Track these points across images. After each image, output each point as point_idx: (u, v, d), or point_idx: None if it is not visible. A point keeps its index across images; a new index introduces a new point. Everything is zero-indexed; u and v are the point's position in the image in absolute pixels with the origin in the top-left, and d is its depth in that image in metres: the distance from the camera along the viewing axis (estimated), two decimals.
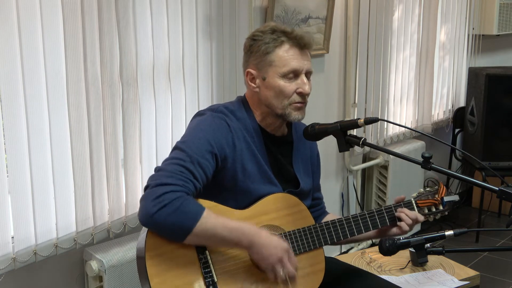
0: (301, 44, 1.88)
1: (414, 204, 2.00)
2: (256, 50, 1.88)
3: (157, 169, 1.74)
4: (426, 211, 2.02)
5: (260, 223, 1.85)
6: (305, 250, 1.89)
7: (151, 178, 1.71)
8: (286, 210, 1.90)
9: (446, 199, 2.03)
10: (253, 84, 1.90)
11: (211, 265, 1.74)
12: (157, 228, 1.68)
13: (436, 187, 2.06)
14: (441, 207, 2.04)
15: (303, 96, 1.88)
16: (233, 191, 1.85)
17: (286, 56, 1.86)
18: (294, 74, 1.87)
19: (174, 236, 1.69)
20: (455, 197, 2.06)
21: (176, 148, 1.80)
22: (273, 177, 1.92)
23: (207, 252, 1.74)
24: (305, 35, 1.89)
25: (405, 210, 1.97)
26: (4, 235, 2.07)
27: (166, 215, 1.63)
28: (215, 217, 1.70)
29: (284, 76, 1.86)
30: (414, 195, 2.05)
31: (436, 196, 2.04)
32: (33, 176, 2.12)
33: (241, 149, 1.85)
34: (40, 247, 2.18)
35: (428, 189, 2.06)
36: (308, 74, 1.90)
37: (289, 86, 1.86)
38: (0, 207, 2.04)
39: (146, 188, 1.70)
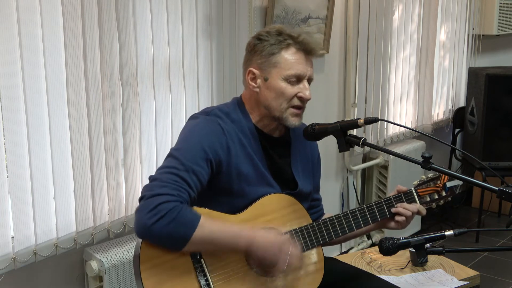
0: (307, 50, 1.88)
1: (415, 194, 1.98)
2: (260, 50, 1.87)
3: (152, 179, 1.73)
4: (428, 199, 1.99)
5: (256, 226, 1.83)
6: (303, 249, 1.88)
7: (146, 188, 1.70)
8: (282, 211, 1.89)
9: (448, 184, 1.98)
10: (253, 84, 1.89)
11: (208, 274, 1.74)
12: (155, 239, 1.67)
13: (438, 173, 1.99)
14: (443, 193, 2.00)
15: (303, 101, 1.88)
16: (229, 195, 1.84)
17: (291, 59, 1.85)
18: (297, 79, 1.86)
19: (172, 246, 1.68)
20: (458, 182, 2.00)
21: (170, 156, 1.78)
22: (271, 179, 1.91)
23: (202, 260, 1.74)
24: (311, 41, 1.89)
25: (404, 204, 1.95)
26: (4, 235, 2.07)
27: (162, 226, 1.63)
28: (211, 224, 1.70)
29: (287, 79, 1.85)
30: (415, 183, 2.01)
31: (438, 182, 2.00)
32: (33, 176, 2.12)
33: (236, 152, 1.84)
34: (40, 247, 2.18)
35: (430, 175, 2.02)
36: (309, 80, 1.90)
37: (291, 89, 1.85)
38: (0, 207, 2.04)
39: (140, 199, 1.68)
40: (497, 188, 1.61)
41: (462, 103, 4.70)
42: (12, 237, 2.11)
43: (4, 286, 2.15)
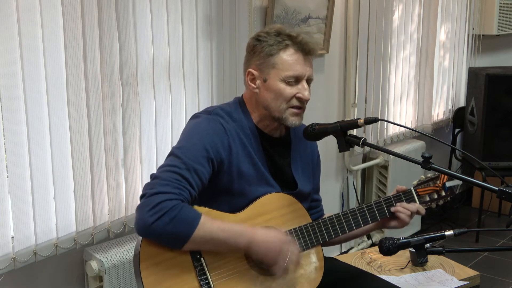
0: (305, 50, 1.87)
1: (414, 194, 1.99)
2: (259, 51, 1.87)
3: (153, 177, 1.73)
4: (428, 198, 2.00)
5: (256, 225, 1.84)
6: (303, 249, 1.88)
7: (147, 186, 1.70)
8: (281, 210, 1.90)
9: (448, 184, 1.99)
10: (253, 85, 1.90)
11: (207, 272, 1.74)
12: (155, 237, 1.68)
13: (437, 173, 2.00)
14: (443, 193, 2.01)
15: (302, 101, 1.88)
16: (229, 194, 1.84)
17: (289, 60, 1.85)
18: (296, 79, 1.86)
19: (173, 244, 1.69)
20: (458, 182, 2.01)
21: (171, 154, 1.79)
22: (271, 178, 1.91)
23: (202, 259, 1.74)
24: (310, 41, 1.89)
25: (404, 204, 1.96)
26: (4, 235, 2.07)
27: (163, 224, 1.63)
28: (211, 222, 1.70)
29: (285, 80, 1.85)
30: (415, 182, 2.02)
31: (438, 182, 2.01)
32: (33, 176, 2.12)
33: (237, 151, 1.84)
34: (40, 247, 2.18)
35: (429, 175, 2.03)
36: (309, 81, 1.90)
37: (289, 89, 1.85)
38: (0, 207, 2.04)
39: (142, 197, 1.69)
40: (497, 188, 1.61)
41: (462, 103, 4.70)
42: (12, 237, 2.11)
43: (4, 286, 2.15)
